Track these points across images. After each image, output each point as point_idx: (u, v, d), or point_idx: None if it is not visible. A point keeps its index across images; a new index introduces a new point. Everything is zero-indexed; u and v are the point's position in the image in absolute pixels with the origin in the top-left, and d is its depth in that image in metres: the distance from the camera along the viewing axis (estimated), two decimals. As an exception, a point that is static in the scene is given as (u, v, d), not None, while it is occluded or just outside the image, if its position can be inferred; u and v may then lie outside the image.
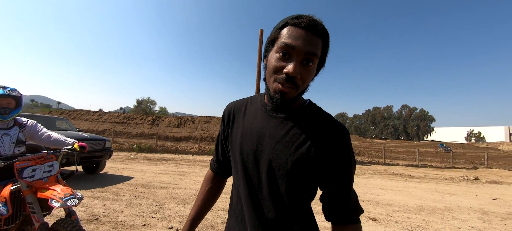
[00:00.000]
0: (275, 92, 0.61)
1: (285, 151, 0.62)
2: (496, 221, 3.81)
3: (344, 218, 0.63)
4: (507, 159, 16.73)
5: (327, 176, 0.63)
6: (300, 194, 0.63)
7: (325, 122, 0.65)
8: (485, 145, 48.85)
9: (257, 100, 0.74)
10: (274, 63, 0.60)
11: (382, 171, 10.14)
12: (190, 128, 19.54)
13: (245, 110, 0.74)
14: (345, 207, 0.63)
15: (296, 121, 0.65)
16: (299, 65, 0.58)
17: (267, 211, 0.63)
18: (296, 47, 0.57)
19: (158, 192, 4.45)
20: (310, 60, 0.59)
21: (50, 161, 1.86)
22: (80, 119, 20.33)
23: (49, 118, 6.10)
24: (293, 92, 0.60)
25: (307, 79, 0.61)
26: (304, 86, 0.62)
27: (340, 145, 0.62)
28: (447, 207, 4.50)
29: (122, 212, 3.31)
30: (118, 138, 16.23)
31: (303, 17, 0.59)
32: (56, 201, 1.54)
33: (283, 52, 0.59)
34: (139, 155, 11.13)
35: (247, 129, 0.69)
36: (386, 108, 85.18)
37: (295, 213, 0.63)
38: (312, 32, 0.58)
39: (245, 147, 0.67)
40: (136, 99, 41.20)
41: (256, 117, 0.70)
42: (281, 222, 0.62)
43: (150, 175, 6.22)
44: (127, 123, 20.00)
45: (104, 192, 4.24)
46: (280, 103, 0.61)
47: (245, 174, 0.66)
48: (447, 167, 12.90)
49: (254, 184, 0.65)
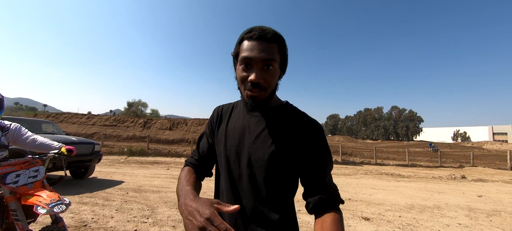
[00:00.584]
0: (247, 98, 0.69)
1: (263, 145, 0.69)
2: (482, 218, 3.95)
3: (323, 208, 0.65)
4: (491, 158, 17.42)
5: (303, 167, 0.68)
6: (277, 185, 0.68)
7: (299, 118, 0.72)
8: (470, 144, 50.73)
9: (240, 102, 0.82)
10: (240, 75, 0.69)
11: (374, 171, 10.33)
12: (183, 130, 19.29)
13: (231, 112, 0.82)
14: (323, 197, 0.66)
15: (273, 118, 0.73)
16: (259, 72, 0.66)
17: (246, 202, 0.67)
18: (253, 58, 0.66)
19: (150, 196, 4.35)
20: (270, 65, 0.67)
21: (35, 166, 1.79)
22: (67, 122, 19.67)
23: (34, 121, 5.87)
24: (262, 94, 0.68)
25: (271, 80, 0.68)
26: (271, 87, 0.70)
27: (313, 138, 0.69)
28: (436, 205, 4.62)
29: (112, 217, 3.22)
30: (108, 141, 15.81)
31: (254, 30, 0.67)
32: (41, 208, 1.47)
33: (245, 64, 0.67)
34: (130, 159, 10.87)
35: (231, 127, 0.77)
36: (377, 110, 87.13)
37: (273, 203, 0.67)
38: (265, 41, 0.66)
39: (229, 143, 0.74)
40: (126, 102, 40.43)
41: (239, 116, 0.78)
42: (260, 211, 0.66)
43: (141, 178, 6.08)
44: (117, 125, 19.52)
45: (93, 197, 4.10)
46: (254, 106, 0.70)
47: (228, 167, 0.72)
48: (435, 166, 13.30)
49: (235, 177, 0.70)
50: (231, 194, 0.70)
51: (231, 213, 0.68)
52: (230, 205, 0.54)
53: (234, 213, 0.65)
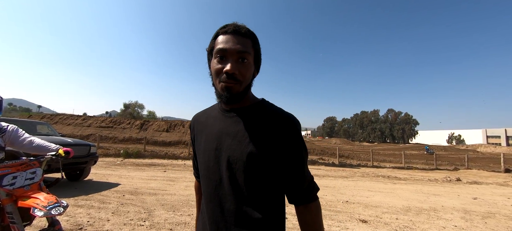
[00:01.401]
0: (222, 90, 0.68)
1: (240, 145, 0.68)
2: (477, 220, 4.00)
3: (303, 198, 0.70)
4: (485, 160, 17.67)
5: (281, 162, 0.69)
6: (258, 184, 0.68)
7: (275, 114, 0.72)
8: (465, 147, 51.40)
9: (216, 107, 0.82)
10: (214, 67, 0.69)
11: (371, 173, 10.39)
12: (180, 132, 19.18)
13: (207, 117, 0.81)
14: (301, 188, 0.70)
15: (248, 117, 0.72)
16: (235, 63, 0.67)
17: (229, 205, 0.67)
18: (228, 49, 0.67)
19: (146, 199, 4.31)
20: (244, 58, 0.68)
21: (32, 168, 1.76)
22: (62, 123, 19.42)
23: (29, 123, 5.79)
24: (237, 87, 0.68)
25: (245, 73, 0.69)
26: (246, 80, 0.70)
27: (288, 132, 0.69)
28: (432, 208, 4.67)
29: (108, 220, 3.18)
30: (104, 143, 15.63)
31: (229, 25, 0.70)
32: (39, 210, 1.46)
33: (220, 56, 0.69)
34: (126, 161, 10.76)
35: (209, 133, 0.76)
36: (373, 113, 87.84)
37: (256, 202, 0.67)
38: (239, 35, 0.69)
39: (207, 148, 0.74)
40: (123, 103, 40.01)
41: (215, 120, 0.78)
42: (242, 211, 0.66)
43: (138, 181, 6.02)
44: (114, 127, 19.33)
45: (88, 200, 4.05)
46: (228, 98, 0.68)
47: (208, 172, 0.72)
48: (431, 169, 13.44)
49: (216, 181, 0.70)
50: (213, 199, 0.70)
51: (214, 218, 0.68)
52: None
53: (217, 217, 0.68)
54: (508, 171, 12.79)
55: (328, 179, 8.13)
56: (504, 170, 12.80)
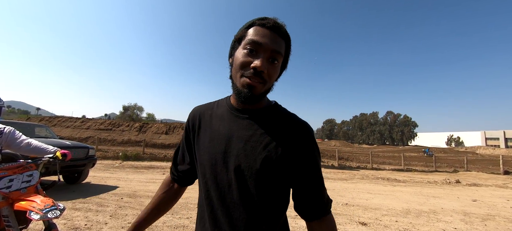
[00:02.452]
0: (243, 86, 0.62)
1: (253, 151, 0.62)
2: (477, 222, 3.99)
3: (319, 213, 0.65)
4: (484, 162, 17.69)
5: (297, 173, 0.64)
6: (271, 194, 0.63)
7: (290, 120, 0.67)
8: (464, 149, 51.51)
9: (223, 103, 0.74)
10: (241, 59, 0.62)
11: (370, 175, 10.37)
12: (179, 134, 19.13)
13: (212, 114, 0.73)
14: (318, 202, 0.65)
15: (262, 121, 0.66)
16: (265, 61, 0.61)
17: (238, 214, 0.61)
18: (263, 44, 0.61)
19: (145, 202, 4.28)
20: (275, 59, 0.63)
21: (29, 170, 1.75)
22: (61, 126, 19.35)
23: (27, 125, 5.76)
24: (260, 87, 0.62)
25: (272, 76, 0.63)
26: (270, 83, 0.65)
27: (305, 140, 0.64)
28: (432, 210, 4.65)
29: (106, 224, 3.15)
30: (103, 145, 15.57)
31: (269, 19, 0.64)
32: (35, 213, 1.44)
33: (250, 49, 0.61)
34: (125, 163, 10.71)
35: (215, 132, 0.69)
36: (372, 115, 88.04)
37: (267, 214, 0.62)
38: (277, 33, 0.63)
39: (213, 150, 0.66)
40: (122, 105, 40.00)
41: (223, 119, 0.70)
42: (253, 223, 0.61)
43: (136, 183, 5.98)
44: (113, 129, 19.27)
45: (86, 203, 4.02)
46: (248, 97, 0.62)
47: (214, 178, 0.65)
48: (431, 171, 13.44)
49: (224, 188, 0.63)
50: (220, 206, 0.63)
51: (221, 225, 0.63)
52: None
53: (226, 227, 0.62)
54: (507, 173, 12.81)
55: (327, 181, 8.10)
56: (503, 172, 12.81)
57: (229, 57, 0.69)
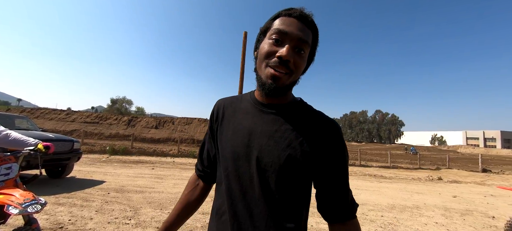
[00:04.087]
0: (268, 77, 0.60)
1: (277, 147, 0.60)
2: (457, 217, 4.20)
3: (343, 216, 0.62)
4: (464, 161, 18.60)
5: (322, 172, 0.62)
6: (294, 190, 0.61)
7: (317, 118, 0.65)
8: (446, 148, 53.96)
9: (247, 97, 0.73)
10: (266, 48, 0.60)
11: (358, 172, 10.66)
12: (169, 129, 18.82)
13: (236, 107, 0.72)
14: (343, 204, 0.62)
15: (287, 116, 0.64)
16: (291, 50, 0.59)
17: (259, 210, 0.60)
18: (288, 33, 0.59)
19: (132, 197, 4.19)
20: (302, 49, 0.60)
21: (7, 163, 1.66)
22: (44, 118, 18.52)
23: (7, 116, 5.46)
24: (285, 78, 0.60)
25: (299, 66, 0.61)
26: (297, 74, 0.62)
27: (334, 140, 0.62)
28: (415, 205, 4.85)
29: (91, 219, 3.06)
30: (89, 139, 15.07)
31: (295, 9, 0.62)
32: (14, 208, 1.37)
33: (276, 38, 0.60)
34: (112, 158, 10.43)
35: (238, 126, 0.67)
36: (362, 113, 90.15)
37: (289, 210, 0.60)
38: (304, 23, 0.61)
39: (236, 144, 0.65)
40: (110, 98, 38.78)
41: (247, 113, 0.68)
42: (273, 218, 0.59)
43: (124, 178, 5.85)
44: (100, 123, 18.67)
45: (70, 198, 3.88)
46: (273, 89, 0.59)
47: (236, 171, 0.63)
48: (415, 168, 13.97)
49: (245, 182, 0.62)
50: (242, 200, 0.62)
51: (244, 222, 0.61)
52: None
53: (247, 221, 0.60)
54: (485, 171, 13.53)
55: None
56: (481, 169, 13.52)
57: (254, 51, 0.68)
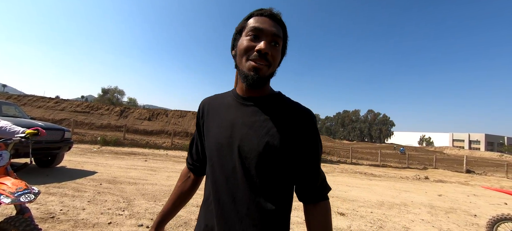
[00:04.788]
0: (249, 70, 0.65)
1: (256, 135, 0.67)
2: (441, 214, 4.39)
3: (315, 197, 0.69)
4: (450, 161, 19.28)
5: (297, 157, 0.68)
6: (272, 175, 0.67)
7: (293, 107, 0.71)
8: (433, 148, 55.67)
9: (229, 93, 0.79)
10: (245, 44, 0.67)
11: (349, 169, 10.90)
12: (162, 121, 18.59)
13: (220, 104, 0.78)
14: (315, 186, 0.69)
15: (266, 107, 0.71)
16: (268, 44, 0.66)
17: (241, 194, 0.65)
18: (264, 29, 0.66)
19: (126, 188, 4.15)
20: (276, 42, 0.68)
21: (-3, 150, 1.61)
22: (32, 106, 17.90)
23: (-8, 102, 5.24)
24: (265, 69, 0.66)
25: (276, 58, 0.68)
26: (274, 65, 0.69)
27: (307, 126, 0.69)
28: (403, 203, 5.03)
29: (83, 209, 3.02)
30: (79, 128, 14.70)
31: (265, 9, 0.70)
32: (5, 197, 1.34)
33: (254, 35, 0.66)
34: (103, 148, 10.25)
35: (222, 120, 0.73)
36: (354, 112, 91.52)
37: (269, 193, 0.66)
38: (274, 20, 0.69)
39: (220, 136, 0.71)
40: (101, 88, 37.75)
41: (229, 108, 0.75)
42: (254, 202, 0.64)
43: (116, 169, 5.77)
44: (91, 112, 18.22)
45: (61, 188, 3.81)
46: (255, 79, 0.65)
47: (220, 161, 0.69)
48: (403, 167, 14.41)
49: (229, 170, 0.68)
50: (224, 187, 0.67)
51: (228, 208, 0.66)
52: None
53: (231, 207, 0.65)
54: (469, 172, 14.11)
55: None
56: (465, 170, 14.09)
57: (232, 50, 0.74)
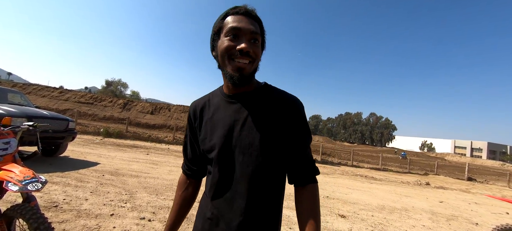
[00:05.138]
0: (234, 70, 0.67)
1: (251, 131, 0.69)
2: (443, 221, 4.36)
3: (304, 179, 0.72)
4: (451, 168, 19.16)
5: (287, 142, 0.71)
6: (269, 168, 0.70)
7: (280, 97, 0.73)
8: (434, 154, 55.33)
9: (217, 93, 0.80)
10: (226, 45, 0.67)
11: (350, 172, 10.87)
12: (165, 115, 18.65)
13: (209, 105, 0.79)
14: (303, 169, 0.72)
15: (254, 102, 0.73)
16: (248, 42, 0.66)
17: (241, 189, 0.68)
18: (242, 29, 0.66)
19: (128, 180, 4.18)
20: (256, 39, 0.69)
21: (5, 137, 1.61)
22: (36, 95, 18.05)
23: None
24: (249, 67, 0.67)
25: (257, 54, 0.69)
26: (257, 61, 0.70)
27: (293, 114, 0.72)
28: (404, 208, 5.00)
29: (86, 199, 3.04)
30: (83, 119, 14.81)
31: (240, 7, 0.70)
32: (13, 184, 1.34)
33: (232, 35, 0.67)
34: (106, 140, 10.31)
35: (214, 121, 0.75)
36: (357, 115, 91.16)
37: (267, 186, 0.69)
38: (250, 17, 0.69)
39: (215, 137, 0.73)
40: (105, 80, 37.98)
41: (218, 107, 0.76)
42: (254, 195, 0.68)
43: (118, 161, 5.80)
44: (94, 104, 18.33)
45: (64, 177, 3.84)
46: (241, 78, 0.66)
47: (219, 159, 0.71)
48: (404, 172, 14.33)
49: (228, 167, 0.70)
50: (225, 185, 0.71)
51: (223, 202, 0.70)
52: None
53: (232, 204, 0.69)
54: (470, 180, 14.01)
55: (310, 174, 8.38)
56: (467, 178, 13.99)
57: (212, 51, 0.74)
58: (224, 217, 0.69)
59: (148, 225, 2.57)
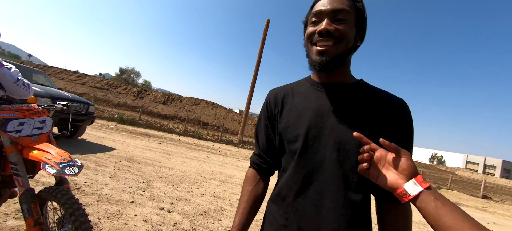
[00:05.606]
0: (316, 55, 0.61)
1: (350, 125, 0.60)
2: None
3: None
4: (464, 184, 18.47)
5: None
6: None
7: (383, 95, 0.65)
8: (444, 168, 53.51)
9: (303, 82, 0.73)
10: (309, 31, 0.63)
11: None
12: (177, 106, 18.86)
13: (293, 93, 0.71)
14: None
15: (352, 95, 0.64)
16: (329, 22, 0.59)
17: (332, 188, 0.59)
18: (322, 10, 0.61)
19: (144, 168, 4.19)
20: (339, 17, 0.60)
21: (42, 116, 1.59)
22: (55, 77, 18.65)
23: (24, 68, 5.40)
24: (333, 49, 0.60)
25: (343, 32, 0.59)
26: (345, 42, 0.60)
27: (401, 117, 0.62)
28: (422, 221, 4.80)
29: (106, 184, 3.06)
30: (98, 104, 15.17)
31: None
32: (51, 167, 1.30)
33: (314, 20, 0.62)
34: (120, 126, 10.51)
35: (302, 109, 0.66)
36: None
37: (360, 187, 0.60)
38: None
39: (301, 125, 0.65)
40: (119, 68, 38.78)
41: (307, 96, 0.68)
42: (346, 196, 0.59)
43: (133, 148, 5.87)
44: (109, 90, 18.75)
45: (83, 160, 3.89)
46: (323, 62, 0.60)
47: (305, 152, 0.63)
48: (416, 184, 13.87)
49: (316, 162, 0.62)
50: (308, 183, 0.62)
51: (311, 200, 0.61)
52: None
53: (319, 202, 0.60)
54: (485, 197, 13.40)
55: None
56: (482, 195, 13.39)
57: (305, 45, 0.69)
58: (307, 224, 0.60)
59: (168, 216, 2.54)
